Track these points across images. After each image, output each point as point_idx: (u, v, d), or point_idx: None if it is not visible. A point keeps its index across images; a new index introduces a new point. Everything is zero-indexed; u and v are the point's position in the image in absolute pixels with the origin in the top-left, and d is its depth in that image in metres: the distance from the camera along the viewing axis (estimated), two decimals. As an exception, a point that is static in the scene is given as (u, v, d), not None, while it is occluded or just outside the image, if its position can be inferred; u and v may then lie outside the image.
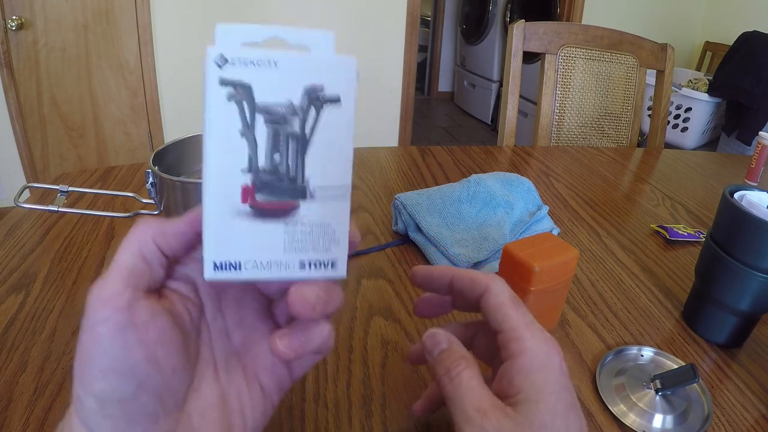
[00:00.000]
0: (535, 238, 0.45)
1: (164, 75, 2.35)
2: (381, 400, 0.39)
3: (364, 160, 0.89)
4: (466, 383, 0.26)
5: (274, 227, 0.24)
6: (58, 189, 0.43)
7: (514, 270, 0.43)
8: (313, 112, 0.23)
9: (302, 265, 0.24)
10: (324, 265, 0.24)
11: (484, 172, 0.70)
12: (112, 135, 2.37)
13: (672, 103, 2.43)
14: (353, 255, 0.59)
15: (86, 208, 0.66)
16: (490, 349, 0.32)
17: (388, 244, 0.62)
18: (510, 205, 0.64)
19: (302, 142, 0.23)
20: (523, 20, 1.15)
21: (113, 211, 0.63)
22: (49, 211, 0.40)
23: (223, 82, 0.23)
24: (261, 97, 0.23)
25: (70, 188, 0.43)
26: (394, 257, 0.59)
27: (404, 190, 0.77)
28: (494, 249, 0.57)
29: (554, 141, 1.24)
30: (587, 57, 1.22)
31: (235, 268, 0.24)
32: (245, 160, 0.23)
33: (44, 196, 0.69)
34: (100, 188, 0.71)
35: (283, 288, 0.27)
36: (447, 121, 4.30)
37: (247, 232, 0.23)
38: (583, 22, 3.01)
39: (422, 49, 4.58)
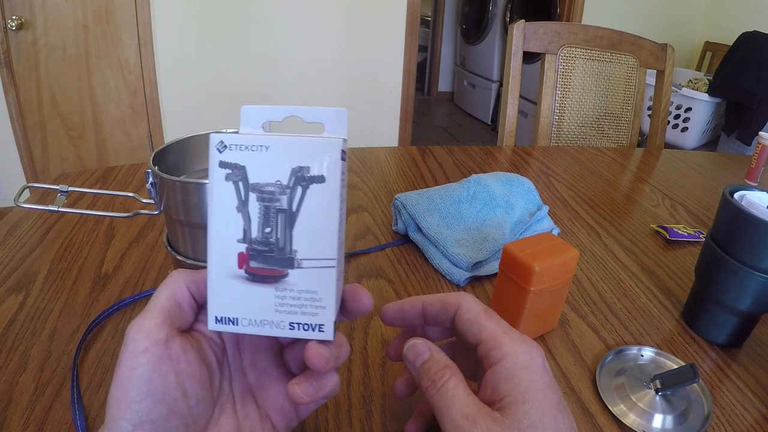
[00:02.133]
0: (535, 238, 0.45)
1: (164, 75, 2.35)
2: (381, 400, 0.39)
3: (364, 160, 0.89)
4: (452, 391, 0.26)
5: (266, 291, 0.27)
6: (58, 189, 0.42)
7: (514, 270, 0.43)
8: (299, 190, 0.26)
9: (291, 326, 0.27)
10: (312, 328, 0.27)
11: (484, 172, 0.70)
12: (112, 135, 2.37)
13: (672, 103, 2.43)
14: (353, 254, 0.59)
15: (86, 208, 0.66)
16: (470, 366, 0.32)
17: (388, 244, 0.62)
18: (510, 205, 0.64)
19: (290, 218, 0.26)
20: (523, 20, 1.15)
21: (113, 211, 0.63)
22: (49, 211, 0.40)
23: (222, 165, 0.26)
24: (254, 177, 0.26)
25: (70, 188, 0.43)
26: (394, 257, 0.59)
27: (404, 190, 0.77)
28: (494, 249, 0.57)
29: (554, 141, 1.24)
30: (587, 57, 1.22)
31: (233, 323, 0.27)
32: (240, 232, 0.26)
33: (44, 196, 0.69)
34: (100, 188, 0.71)
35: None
36: (447, 121, 4.30)
37: (243, 293, 0.27)
38: (583, 22, 3.01)
39: (422, 49, 4.58)
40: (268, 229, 0.26)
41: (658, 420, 0.38)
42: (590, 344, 0.47)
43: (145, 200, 0.42)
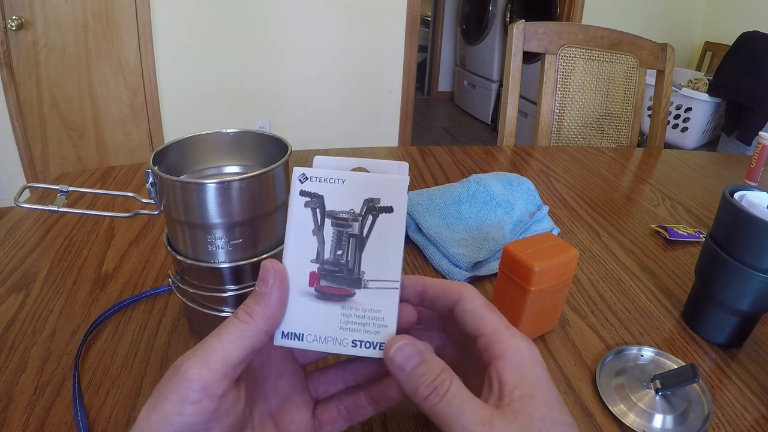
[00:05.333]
0: (535, 238, 0.45)
1: (164, 75, 2.35)
2: (381, 400, 0.39)
3: (364, 160, 0.88)
4: (458, 397, 0.25)
5: (333, 309, 0.28)
6: (58, 189, 0.42)
7: (514, 270, 0.43)
8: (370, 219, 0.29)
9: (354, 344, 0.28)
10: (373, 346, 0.28)
11: (484, 172, 0.70)
12: (112, 135, 2.37)
13: (672, 103, 2.43)
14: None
15: (86, 208, 0.66)
16: (457, 360, 0.31)
17: (388, 244, 0.61)
18: (510, 205, 0.64)
19: (360, 242, 0.29)
20: (523, 20, 1.15)
21: (113, 211, 0.63)
22: (49, 211, 0.40)
23: (303, 193, 0.29)
24: (330, 205, 0.29)
25: (70, 188, 0.43)
26: (394, 257, 0.59)
27: (404, 190, 0.77)
28: (494, 249, 0.57)
29: (554, 141, 1.24)
30: (587, 57, 1.22)
31: (299, 339, 0.28)
32: (314, 253, 0.29)
33: (44, 196, 0.69)
34: (100, 188, 0.71)
35: (318, 358, 0.33)
36: (447, 121, 4.30)
37: (311, 310, 0.28)
38: (583, 22, 3.01)
39: (422, 49, 4.58)
40: (339, 252, 0.29)
41: (658, 420, 0.38)
42: (590, 344, 0.47)
43: (145, 200, 0.42)
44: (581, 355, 0.46)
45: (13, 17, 2.02)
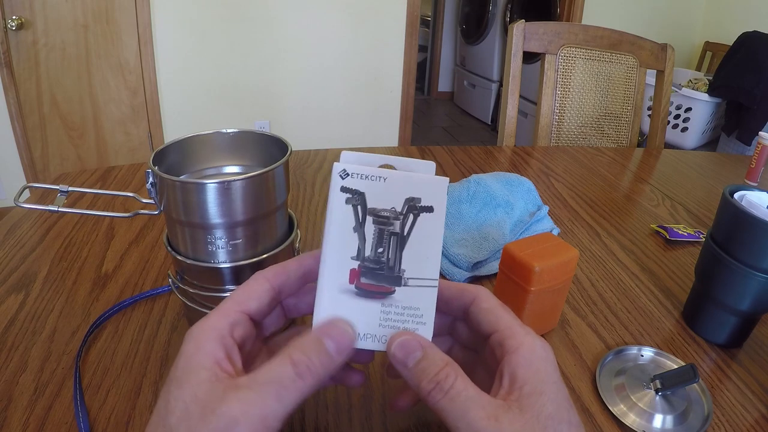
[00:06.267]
0: (535, 238, 0.45)
1: (164, 75, 2.35)
2: (381, 400, 0.39)
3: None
4: (464, 393, 0.25)
5: (372, 306, 0.29)
6: (58, 189, 0.42)
7: (514, 270, 0.43)
8: (411, 217, 0.29)
9: None
10: None
11: (484, 172, 0.70)
12: (112, 135, 2.37)
13: (672, 103, 2.43)
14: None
15: (86, 208, 0.66)
16: (465, 362, 0.32)
17: (388, 244, 0.61)
18: (510, 205, 0.64)
19: (401, 241, 0.29)
20: (523, 20, 1.15)
21: (113, 211, 0.63)
22: (49, 211, 0.40)
23: (343, 190, 0.29)
24: (372, 203, 0.29)
25: (70, 188, 0.43)
26: (394, 257, 0.59)
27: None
28: (494, 249, 0.57)
29: (554, 141, 1.24)
30: (587, 57, 1.22)
31: None
32: (355, 250, 0.29)
33: (44, 196, 0.69)
34: (100, 188, 0.71)
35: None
36: (447, 121, 4.30)
37: (350, 307, 0.29)
38: (583, 22, 3.01)
39: (422, 49, 4.58)
40: (380, 249, 0.29)
41: (658, 420, 0.38)
42: (590, 344, 0.47)
43: (145, 200, 0.42)
44: (581, 355, 0.46)
45: (13, 17, 2.02)
